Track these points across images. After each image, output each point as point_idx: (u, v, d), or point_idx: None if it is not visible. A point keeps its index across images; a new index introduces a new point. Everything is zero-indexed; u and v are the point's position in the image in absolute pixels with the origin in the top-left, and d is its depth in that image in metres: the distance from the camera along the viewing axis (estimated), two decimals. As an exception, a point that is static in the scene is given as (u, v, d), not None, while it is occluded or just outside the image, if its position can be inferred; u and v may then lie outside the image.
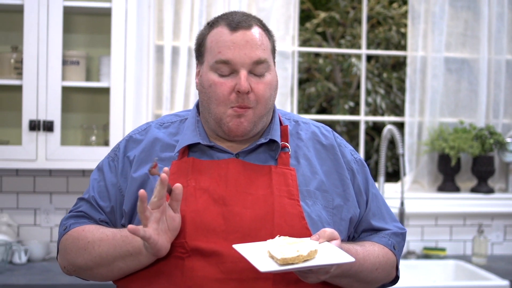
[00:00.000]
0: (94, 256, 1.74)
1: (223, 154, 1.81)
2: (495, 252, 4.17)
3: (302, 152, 1.86)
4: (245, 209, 1.71)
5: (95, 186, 1.86)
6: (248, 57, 1.73)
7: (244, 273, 1.65)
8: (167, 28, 3.80)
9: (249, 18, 1.78)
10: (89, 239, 1.76)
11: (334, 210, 1.81)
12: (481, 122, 4.19)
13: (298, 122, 1.94)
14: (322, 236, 1.63)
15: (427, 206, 4.08)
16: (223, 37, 1.74)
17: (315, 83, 8.58)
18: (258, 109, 1.77)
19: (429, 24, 4.14)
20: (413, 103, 4.17)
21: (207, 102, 1.79)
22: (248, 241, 1.66)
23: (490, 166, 4.13)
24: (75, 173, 3.75)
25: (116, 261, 1.71)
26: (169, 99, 3.81)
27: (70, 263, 1.81)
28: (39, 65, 3.38)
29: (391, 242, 1.90)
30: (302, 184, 1.79)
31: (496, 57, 4.19)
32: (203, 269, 1.66)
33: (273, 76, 1.80)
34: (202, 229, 1.69)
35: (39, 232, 3.75)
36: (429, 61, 4.14)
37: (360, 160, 1.95)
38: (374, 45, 8.37)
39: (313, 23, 8.57)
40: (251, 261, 1.53)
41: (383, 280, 1.90)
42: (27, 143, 3.38)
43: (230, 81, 1.74)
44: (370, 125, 8.38)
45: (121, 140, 1.91)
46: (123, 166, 1.84)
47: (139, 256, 1.68)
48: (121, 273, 1.74)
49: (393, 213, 2.00)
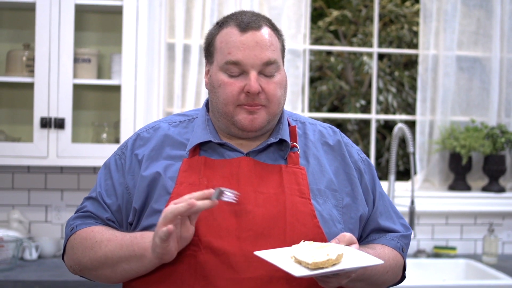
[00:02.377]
0: (99, 255, 1.74)
1: (233, 153, 1.81)
2: (505, 251, 4.16)
3: (311, 152, 1.87)
4: (258, 208, 1.72)
5: (102, 184, 1.86)
6: (258, 58, 1.73)
7: (257, 272, 1.65)
8: (178, 26, 3.81)
9: (258, 19, 1.79)
10: (97, 239, 1.76)
11: (344, 209, 1.82)
12: (492, 121, 4.17)
13: (305, 123, 1.95)
14: (342, 240, 1.65)
15: (438, 205, 4.07)
16: (233, 38, 1.75)
17: (326, 82, 8.57)
18: (271, 107, 1.78)
19: (441, 22, 4.13)
20: (424, 101, 4.16)
21: (216, 102, 1.79)
22: (261, 239, 1.68)
23: (502, 165, 4.11)
24: (86, 170, 3.77)
25: (120, 262, 1.71)
26: (180, 97, 3.81)
27: (76, 262, 1.82)
28: (50, 62, 3.39)
29: (399, 244, 1.92)
30: (313, 183, 1.80)
31: (508, 55, 4.17)
32: (216, 267, 1.67)
33: (283, 76, 1.80)
34: (215, 227, 1.69)
35: (50, 229, 3.77)
36: (441, 60, 4.12)
37: (366, 159, 1.97)
38: (386, 43, 8.35)
39: (326, 21, 8.56)
40: (282, 267, 1.53)
41: (392, 282, 1.93)
42: (39, 140, 3.39)
43: (240, 81, 1.75)
44: (381, 124, 8.36)
45: (129, 138, 1.91)
46: (131, 164, 1.84)
47: (143, 259, 1.67)
48: (124, 275, 1.74)
49: (398, 211, 2.01)
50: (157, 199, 1.76)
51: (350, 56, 8.64)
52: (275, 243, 1.68)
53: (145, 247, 1.67)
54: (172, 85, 3.85)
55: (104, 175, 1.88)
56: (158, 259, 1.65)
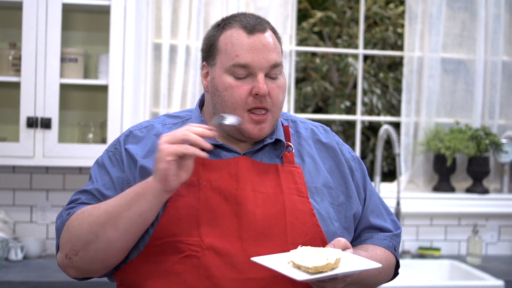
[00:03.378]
0: (99, 215, 1.66)
1: (230, 154, 1.81)
2: (489, 252, 4.19)
3: (305, 150, 1.88)
4: (257, 208, 1.73)
5: (98, 180, 1.80)
6: (266, 61, 1.74)
7: (261, 272, 1.65)
8: (165, 26, 3.80)
9: (262, 21, 1.79)
10: (95, 205, 1.71)
11: (339, 207, 1.84)
12: (476, 122, 4.20)
13: (296, 121, 1.96)
14: (337, 245, 1.66)
15: (422, 206, 4.10)
16: (240, 40, 1.74)
17: (311, 83, 8.59)
18: (274, 112, 1.79)
19: (426, 24, 4.16)
20: (409, 103, 4.19)
21: (222, 105, 1.77)
22: (262, 239, 1.69)
23: (485, 166, 4.15)
24: (72, 170, 3.76)
25: (122, 211, 1.64)
26: (167, 97, 3.81)
27: (73, 241, 1.70)
28: (37, 62, 3.38)
29: (392, 244, 1.94)
30: (309, 181, 1.82)
31: (492, 58, 4.21)
32: (219, 268, 1.67)
33: (284, 79, 1.82)
34: (216, 227, 1.69)
35: (36, 229, 3.75)
36: (426, 62, 4.15)
37: (357, 158, 1.98)
38: (371, 45, 8.38)
39: (310, 22, 8.58)
40: (282, 272, 1.55)
41: (384, 282, 1.95)
42: (25, 140, 3.38)
43: (247, 84, 1.74)
44: (366, 125, 8.39)
45: (120, 135, 1.87)
46: (127, 158, 1.80)
47: (145, 194, 1.62)
48: (127, 228, 1.65)
49: (388, 208, 2.03)
50: None
51: (334, 58, 8.66)
52: (276, 242, 1.69)
53: (146, 181, 1.64)
54: (159, 85, 3.84)
55: (99, 171, 1.82)
56: (162, 182, 1.59)
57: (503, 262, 3.97)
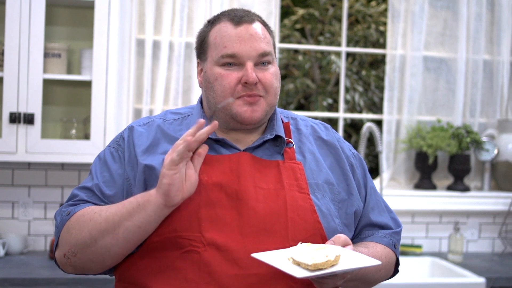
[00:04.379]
0: (99, 222, 1.67)
1: (230, 150, 1.82)
2: (470, 250, 4.22)
3: (306, 147, 1.89)
4: (259, 203, 1.73)
5: (98, 176, 1.81)
6: (253, 49, 1.75)
7: (262, 268, 1.65)
8: (148, 22, 3.79)
9: (250, 14, 1.82)
10: (96, 210, 1.71)
11: (340, 204, 1.84)
12: (458, 121, 4.23)
13: (297, 119, 1.98)
14: (337, 242, 1.67)
15: (403, 203, 4.12)
16: (228, 32, 1.76)
17: (293, 80, 8.60)
18: (268, 98, 1.79)
19: (408, 23, 4.18)
20: (391, 101, 4.21)
21: (213, 97, 1.79)
22: (263, 235, 1.69)
23: (467, 164, 4.18)
24: (54, 166, 3.74)
25: (122, 220, 1.65)
26: (150, 93, 3.80)
27: (72, 243, 1.72)
28: (20, 57, 3.36)
29: (392, 241, 1.95)
30: (310, 178, 1.82)
31: (473, 56, 4.24)
32: (220, 264, 1.67)
33: (277, 69, 1.83)
34: (217, 223, 1.69)
35: (17, 226, 3.73)
36: (408, 60, 4.18)
37: (357, 155, 2.00)
38: (353, 42, 8.41)
39: (292, 19, 8.58)
40: (282, 269, 1.55)
41: (384, 279, 1.96)
42: (7, 135, 3.36)
43: (236, 73, 1.76)
44: (348, 123, 8.42)
45: (123, 131, 1.88)
46: (130, 155, 1.80)
47: (146, 207, 1.63)
48: (126, 237, 1.66)
49: (388, 205, 2.04)
50: None
51: (317, 55, 8.68)
52: (277, 239, 1.70)
53: (149, 193, 1.64)
54: (142, 81, 3.83)
55: (100, 167, 1.83)
56: (164, 196, 1.61)
57: (483, 259, 4.01)
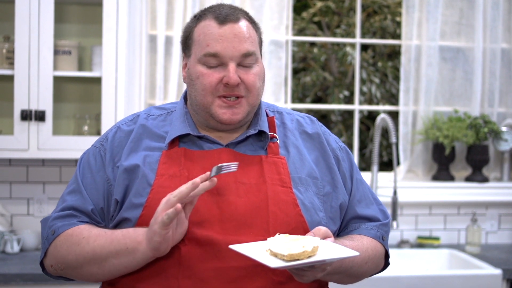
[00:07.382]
0: (87, 251, 1.71)
1: (212, 145, 1.82)
2: (489, 241, 4.17)
3: (290, 141, 1.88)
4: (239, 198, 1.73)
5: (82, 178, 1.83)
6: (236, 50, 1.75)
7: (242, 261, 1.65)
8: (160, 18, 3.78)
9: (236, 11, 1.80)
10: (85, 235, 1.74)
11: (325, 197, 1.83)
12: (475, 111, 4.18)
13: (282, 113, 1.97)
14: (317, 233, 1.65)
15: (421, 195, 4.08)
16: (211, 30, 1.76)
17: (310, 73, 8.56)
18: (250, 98, 1.79)
19: (423, 12, 4.13)
20: (407, 92, 4.16)
21: (194, 94, 1.80)
22: (244, 229, 1.69)
23: (485, 155, 4.12)
24: (68, 162, 3.75)
25: (110, 257, 1.69)
26: (163, 89, 3.79)
27: (59, 260, 1.77)
28: (30, 55, 3.36)
29: (379, 233, 1.92)
30: (293, 172, 1.82)
31: (491, 45, 4.18)
32: (201, 257, 1.67)
33: (261, 68, 1.82)
34: (198, 218, 1.69)
35: (32, 222, 3.74)
36: (424, 50, 4.12)
37: (344, 147, 1.98)
38: (370, 34, 8.35)
39: (310, 12, 8.54)
40: (257, 259, 1.54)
41: (373, 272, 1.93)
42: (19, 132, 3.37)
43: (218, 72, 1.75)
44: (365, 115, 8.36)
45: (108, 131, 1.90)
46: (111, 156, 1.82)
47: (135, 253, 1.66)
48: (111, 271, 1.72)
49: (377, 197, 2.02)
50: (137, 191, 1.74)
51: (333, 47, 8.63)
52: (258, 232, 1.69)
53: (138, 240, 1.66)
54: (154, 76, 3.82)
55: (83, 168, 1.85)
56: (153, 251, 1.64)
57: (502, 251, 3.96)
